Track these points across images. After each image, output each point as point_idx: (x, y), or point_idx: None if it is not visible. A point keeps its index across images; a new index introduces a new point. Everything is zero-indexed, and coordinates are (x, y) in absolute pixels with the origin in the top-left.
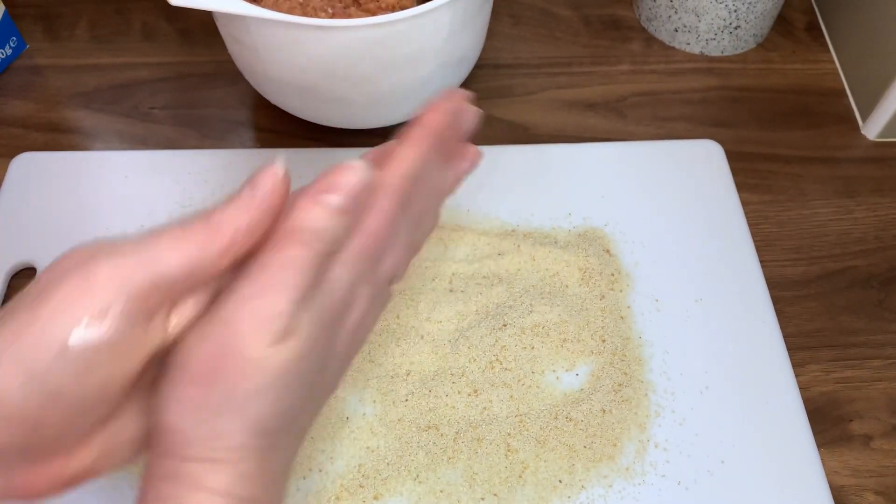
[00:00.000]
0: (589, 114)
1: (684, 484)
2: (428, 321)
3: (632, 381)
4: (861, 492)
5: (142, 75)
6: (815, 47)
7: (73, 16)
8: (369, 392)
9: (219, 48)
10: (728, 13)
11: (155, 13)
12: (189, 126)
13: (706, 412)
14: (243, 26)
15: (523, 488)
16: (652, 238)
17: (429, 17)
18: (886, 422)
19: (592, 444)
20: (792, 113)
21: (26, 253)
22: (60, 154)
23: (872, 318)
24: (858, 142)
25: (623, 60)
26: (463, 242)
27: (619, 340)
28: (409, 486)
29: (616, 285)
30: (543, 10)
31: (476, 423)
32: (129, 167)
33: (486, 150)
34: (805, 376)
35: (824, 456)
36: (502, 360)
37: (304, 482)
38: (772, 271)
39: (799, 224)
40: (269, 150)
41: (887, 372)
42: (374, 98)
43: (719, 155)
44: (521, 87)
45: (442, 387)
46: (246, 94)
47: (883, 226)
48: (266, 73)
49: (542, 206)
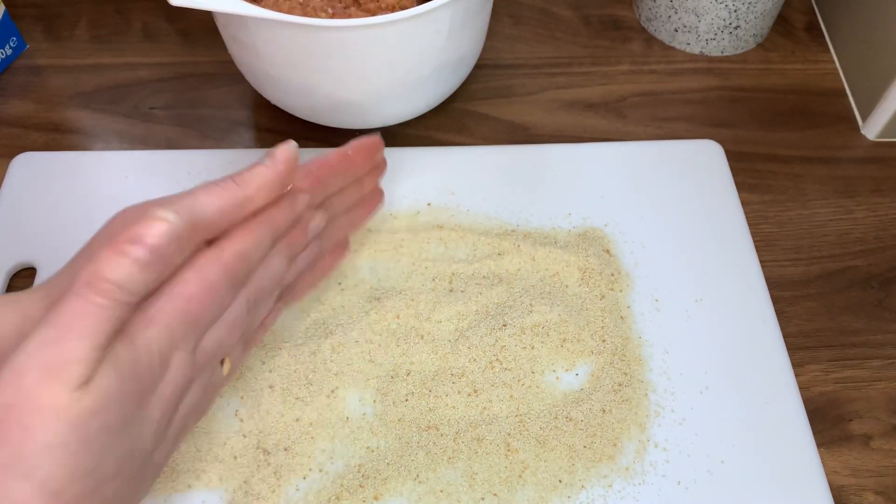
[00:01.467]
0: (589, 114)
1: (684, 484)
2: (428, 321)
3: (632, 381)
4: (861, 492)
5: (142, 75)
6: (815, 47)
7: (73, 16)
8: (369, 392)
9: (219, 48)
10: (728, 13)
11: (155, 13)
12: (189, 126)
13: (706, 412)
14: (243, 26)
15: (523, 488)
16: (652, 238)
17: (429, 17)
18: (886, 422)
19: (592, 444)
20: (792, 113)
21: (26, 253)
22: (60, 154)
23: (872, 318)
24: (858, 142)
25: (623, 60)
26: (463, 242)
27: (619, 340)
28: (409, 486)
29: (616, 285)
30: (543, 10)
31: (476, 423)
32: (129, 167)
33: (486, 150)
34: (805, 376)
35: (824, 456)
36: (502, 360)
37: (304, 482)
38: (772, 271)
39: (799, 224)
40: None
41: (887, 372)
42: (374, 98)
43: (719, 155)
44: (521, 87)
45: (442, 387)
46: (246, 94)
47: (883, 226)
48: (266, 73)
49: (542, 206)
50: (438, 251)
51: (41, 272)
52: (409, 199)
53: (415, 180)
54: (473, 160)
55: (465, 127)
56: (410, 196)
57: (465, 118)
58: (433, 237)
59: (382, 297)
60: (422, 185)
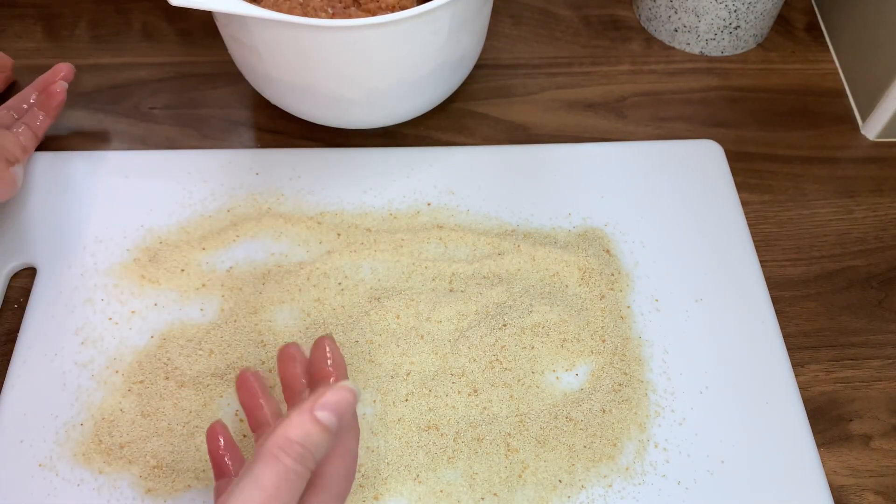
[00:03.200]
0: (589, 114)
1: (684, 484)
2: (428, 321)
3: (632, 381)
4: (861, 492)
5: (142, 75)
6: (815, 47)
7: (73, 16)
8: (369, 392)
9: (219, 48)
10: (728, 13)
11: (155, 13)
12: (189, 126)
13: (706, 412)
14: (243, 26)
15: (523, 488)
16: (652, 238)
17: (429, 17)
18: (886, 422)
19: (592, 444)
20: (792, 113)
21: (26, 253)
22: (60, 154)
23: (872, 318)
24: (858, 142)
25: (623, 60)
26: (463, 242)
27: (619, 340)
28: (409, 486)
29: (616, 285)
30: (543, 11)
31: (476, 423)
32: (129, 167)
33: (486, 150)
34: (805, 376)
35: (824, 456)
36: (502, 359)
37: None
38: (772, 271)
39: (799, 224)
40: (269, 151)
41: (887, 372)
42: (374, 98)
43: (719, 155)
44: (521, 87)
45: (442, 387)
46: (246, 94)
47: (883, 226)
48: (266, 73)
49: (542, 206)
50: (438, 251)
51: (41, 272)
52: (409, 199)
53: (415, 180)
54: (473, 160)
55: (465, 127)
56: (410, 196)
57: (465, 118)
58: (433, 237)
59: (382, 297)
60: (422, 185)
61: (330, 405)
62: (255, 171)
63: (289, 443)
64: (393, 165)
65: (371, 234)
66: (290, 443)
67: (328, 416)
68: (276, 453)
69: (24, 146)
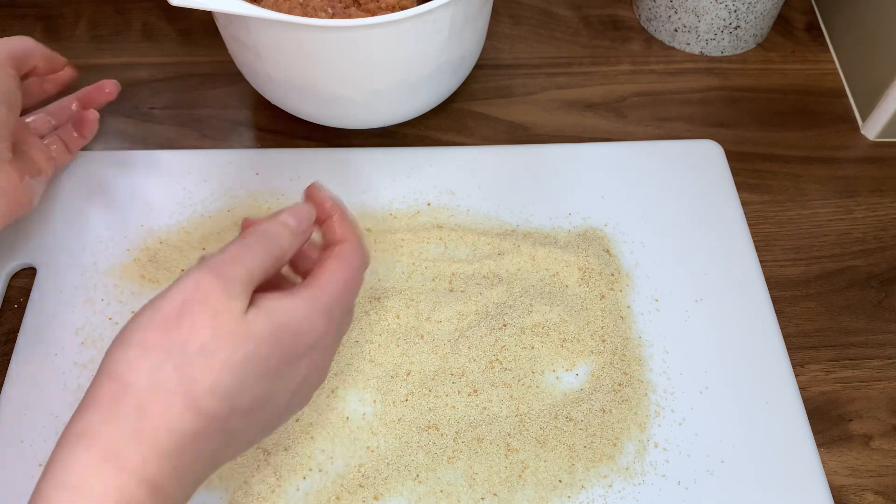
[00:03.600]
0: (589, 114)
1: (684, 484)
2: (428, 321)
3: (632, 381)
4: (861, 492)
5: (142, 75)
6: (815, 47)
7: (73, 16)
8: (369, 392)
9: (219, 48)
10: (728, 13)
11: (155, 13)
12: (189, 126)
13: (706, 412)
14: (243, 26)
15: (523, 488)
16: (652, 238)
17: (429, 17)
18: (886, 422)
19: (592, 444)
20: (792, 113)
21: (26, 253)
22: None
23: (872, 318)
24: (858, 142)
25: (623, 60)
26: (463, 242)
27: (619, 340)
28: (409, 486)
29: (616, 285)
30: (543, 10)
31: (476, 423)
32: (129, 167)
33: (486, 150)
34: (805, 376)
35: (824, 456)
36: (502, 359)
37: (304, 482)
38: (772, 271)
39: (799, 224)
40: (269, 151)
41: (887, 372)
42: (374, 98)
43: (719, 155)
44: (521, 87)
45: (442, 387)
46: (246, 94)
47: (883, 226)
48: (266, 73)
49: (542, 206)
50: (438, 251)
51: (41, 272)
52: (409, 199)
53: (415, 180)
54: (473, 160)
55: (465, 127)
56: (410, 196)
57: (465, 118)
58: (433, 237)
59: (382, 297)
60: (422, 185)
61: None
62: (255, 171)
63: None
64: (393, 165)
65: (371, 233)
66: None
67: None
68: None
69: (52, 158)
